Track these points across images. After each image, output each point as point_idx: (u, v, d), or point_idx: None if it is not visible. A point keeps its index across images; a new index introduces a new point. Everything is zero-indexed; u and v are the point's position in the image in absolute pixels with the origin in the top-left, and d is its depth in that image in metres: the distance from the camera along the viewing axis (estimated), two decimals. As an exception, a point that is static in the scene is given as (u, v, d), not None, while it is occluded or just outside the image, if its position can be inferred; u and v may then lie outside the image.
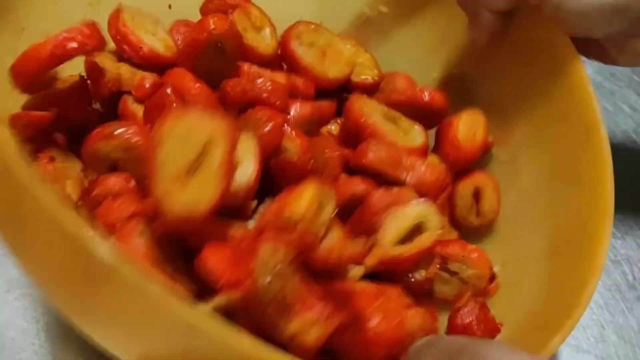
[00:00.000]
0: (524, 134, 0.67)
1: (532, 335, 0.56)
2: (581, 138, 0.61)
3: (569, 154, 0.62)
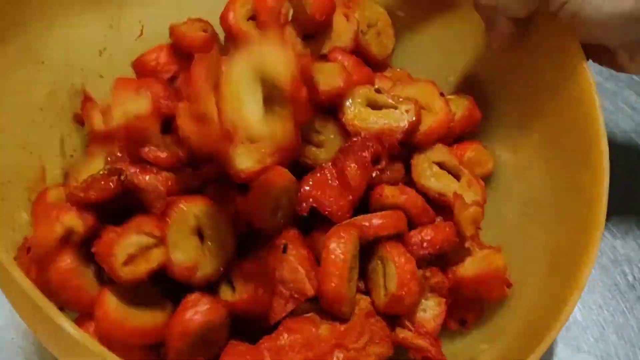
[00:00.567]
0: (532, 142, 0.67)
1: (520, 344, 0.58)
2: (583, 151, 0.60)
3: (571, 166, 0.62)
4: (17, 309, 0.53)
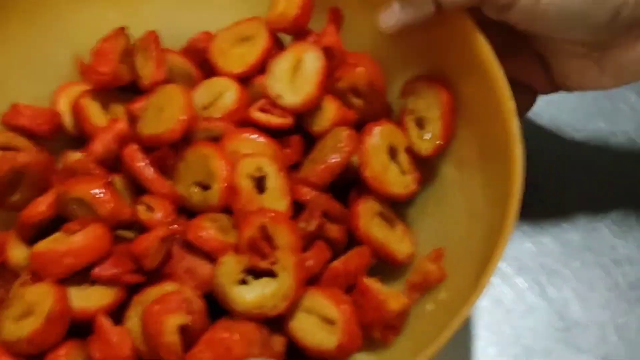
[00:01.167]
0: (472, 154, 0.66)
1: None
2: (502, 158, 0.61)
3: (496, 174, 0.62)
4: None
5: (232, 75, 0.70)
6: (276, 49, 0.71)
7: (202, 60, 0.72)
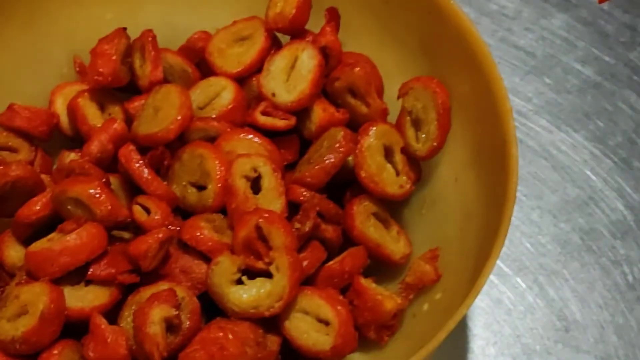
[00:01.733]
0: (466, 155, 0.66)
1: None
2: (499, 158, 0.61)
3: (492, 174, 0.62)
4: None
5: (229, 75, 0.70)
6: (274, 48, 0.71)
7: (200, 60, 0.72)
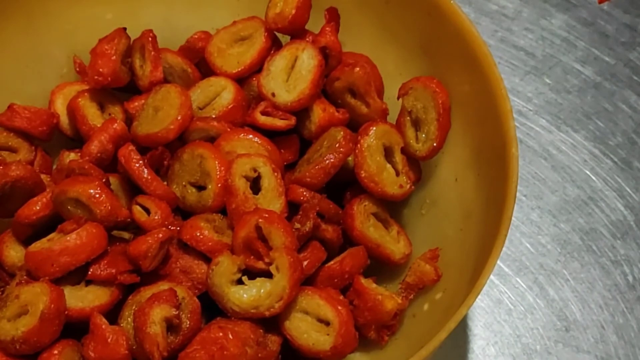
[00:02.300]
0: (465, 156, 0.66)
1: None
2: (498, 158, 0.61)
3: (492, 174, 0.62)
4: None
5: (229, 75, 0.70)
6: (274, 48, 0.71)
7: (200, 60, 0.72)
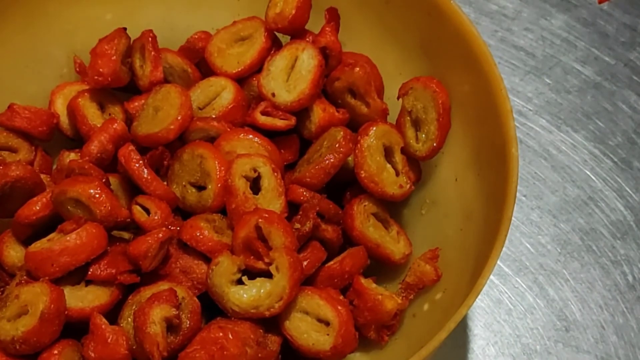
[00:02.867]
0: (465, 156, 0.66)
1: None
2: (498, 157, 0.61)
3: (491, 173, 0.63)
4: None
5: (229, 75, 0.70)
6: (274, 48, 0.71)
7: (200, 60, 0.72)
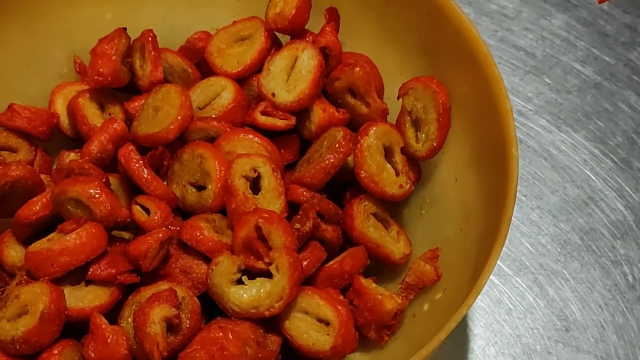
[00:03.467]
0: (466, 156, 0.66)
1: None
2: (499, 157, 0.61)
3: (492, 174, 0.62)
4: None
5: (229, 75, 0.70)
6: (274, 48, 0.71)
7: (200, 60, 0.72)
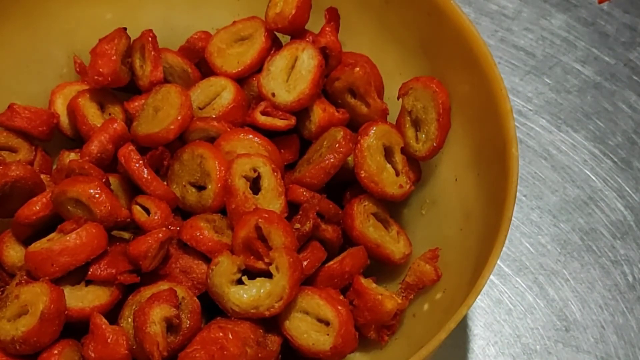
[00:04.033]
0: (466, 156, 0.66)
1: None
2: (499, 157, 0.61)
3: (491, 174, 0.63)
4: None
5: (229, 75, 0.70)
6: (274, 48, 0.70)
7: (200, 60, 0.72)
